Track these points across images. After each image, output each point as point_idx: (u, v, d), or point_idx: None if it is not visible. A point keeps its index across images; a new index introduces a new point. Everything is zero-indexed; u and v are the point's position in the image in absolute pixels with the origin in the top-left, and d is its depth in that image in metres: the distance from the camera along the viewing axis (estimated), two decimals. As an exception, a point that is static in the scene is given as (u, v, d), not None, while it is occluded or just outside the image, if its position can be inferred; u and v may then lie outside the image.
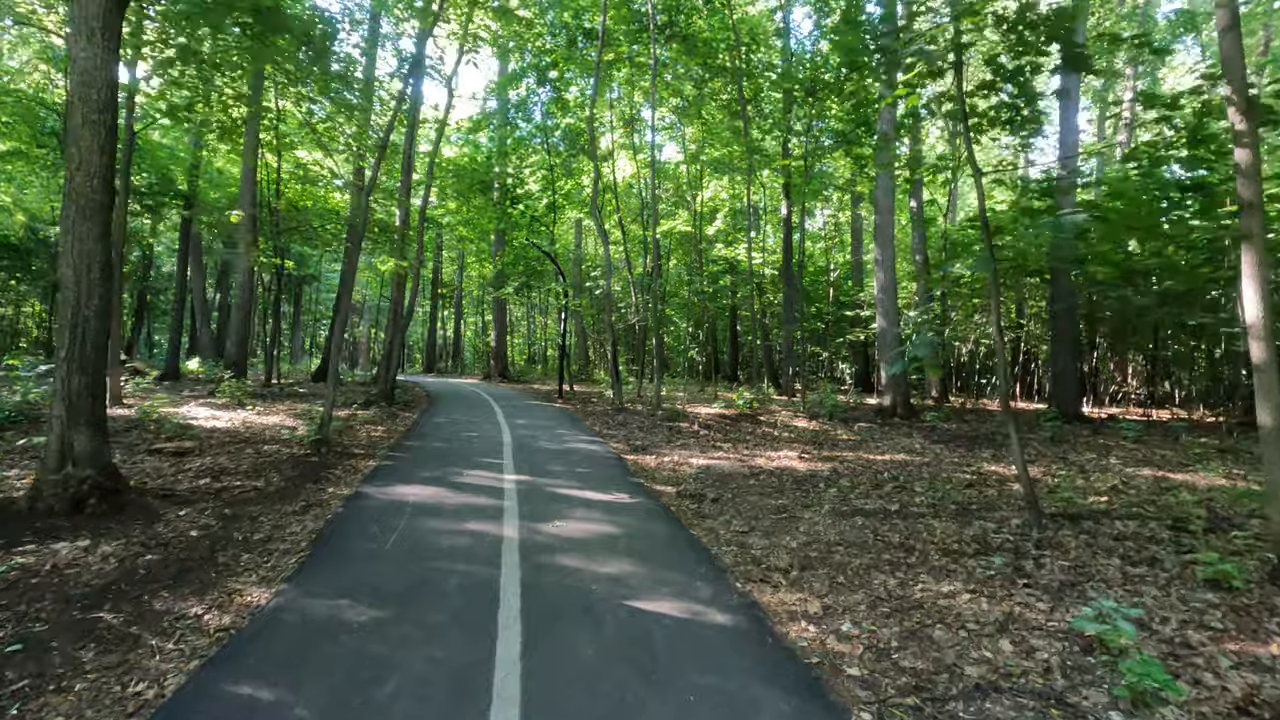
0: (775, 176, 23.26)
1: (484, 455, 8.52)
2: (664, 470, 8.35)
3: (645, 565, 4.54)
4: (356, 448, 8.88)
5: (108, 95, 5.44)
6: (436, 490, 6.48)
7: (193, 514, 5.41)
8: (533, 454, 8.78)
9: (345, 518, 5.47)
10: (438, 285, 39.73)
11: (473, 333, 48.31)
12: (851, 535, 5.42)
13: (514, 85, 21.63)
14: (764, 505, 6.52)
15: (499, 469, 7.60)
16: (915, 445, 11.28)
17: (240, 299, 15.83)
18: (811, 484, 7.63)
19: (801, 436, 12.18)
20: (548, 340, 45.28)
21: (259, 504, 5.86)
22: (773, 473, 8.29)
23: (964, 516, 6.05)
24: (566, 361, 20.44)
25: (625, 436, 11.20)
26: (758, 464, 8.92)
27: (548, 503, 6.13)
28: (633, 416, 13.91)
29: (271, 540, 4.92)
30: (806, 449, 10.52)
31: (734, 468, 8.57)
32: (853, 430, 13.22)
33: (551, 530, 5.24)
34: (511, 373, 30.21)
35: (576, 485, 6.97)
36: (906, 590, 4.23)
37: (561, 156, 22.24)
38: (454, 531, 5.15)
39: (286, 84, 13.53)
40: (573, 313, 24.70)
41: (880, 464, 9.12)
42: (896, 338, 15.41)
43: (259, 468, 7.19)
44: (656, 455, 9.38)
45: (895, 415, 14.92)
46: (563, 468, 7.94)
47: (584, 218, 29.36)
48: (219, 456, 7.62)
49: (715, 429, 12.62)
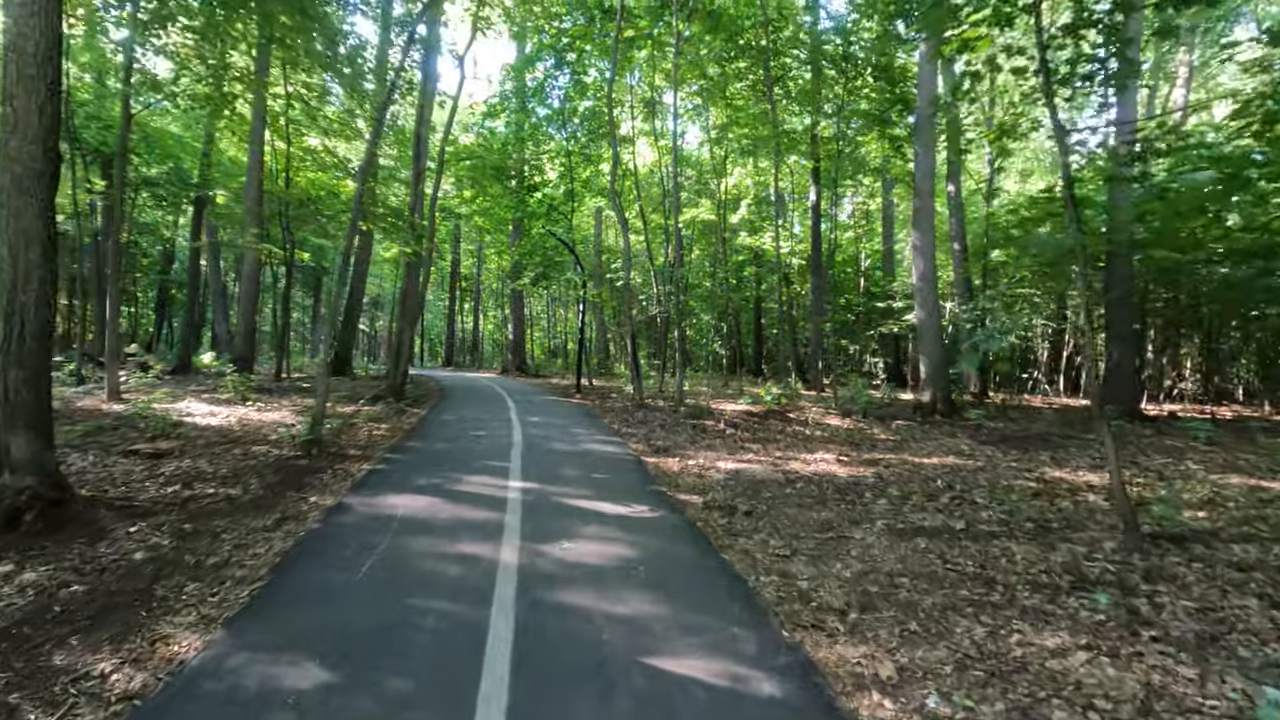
0: (803, 162, 22.20)
1: (490, 458, 7.75)
2: (688, 476, 7.50)
3: (669, 603, 3.71)
4: (353, 449, 8.16)
5: (47, 46, 4.72)
6: (430, 501, 5.71)
7: (146, 530, 4.69)
8: (543, 457, 7.98)
9: (320, 535, 4.72)
10: (457, 278, 39.23)
11: (493, 326, 47.81)
12: (916, 562, 4.53)
13: (530, 69, 20.81)
14: (805, 520, 5.65)
15: (504, 474, 6.81)
16: (962, 446, 10.30)
17: (246, 290, 15.26)
18: (856, 493, 6.73)
19: (836, 436, 11.26)
20: (568, 333, 44.62)
21: (227, 516, 5.13)
22: (810, 479, 7.40)
23: (1044, 537, 5.12)
24: (585, 355, 19.66)
25: (645, 436, 10.37)
26: (792, 468, 8.04)
27: (555, 517, 5.32)
28: (653, 413, 13.08)
29: (228, 565, 4.17)
30: (844, 450, 9.60)
31: (766, 473, 7.70)
32: (890, 429, 12.26)
33: (557, 554, 4.43)
34: (530, 366, 29.56)
35: (590, 495, 6.15)
36: (1000, 643, 3.34)
37: (580, 143, 21.41)
38: (442, 555, 4.36)
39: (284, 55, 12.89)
40: (592, 304, 23.90)
41: (929, 469, 8.19)
42: (937, 330, 14.38)
43: (239, 472, 6.48)
44: (680, 458, 8.54)
45: (935, 413, 13.90)
46: (576, 473, 7.13)
47: (604, 206, 28.52)
48: (198, 459, 6.94)
49: (742, 427, 11.74)
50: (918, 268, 14.52)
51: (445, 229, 34.28)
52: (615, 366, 30.72)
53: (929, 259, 14.43)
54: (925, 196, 14.54)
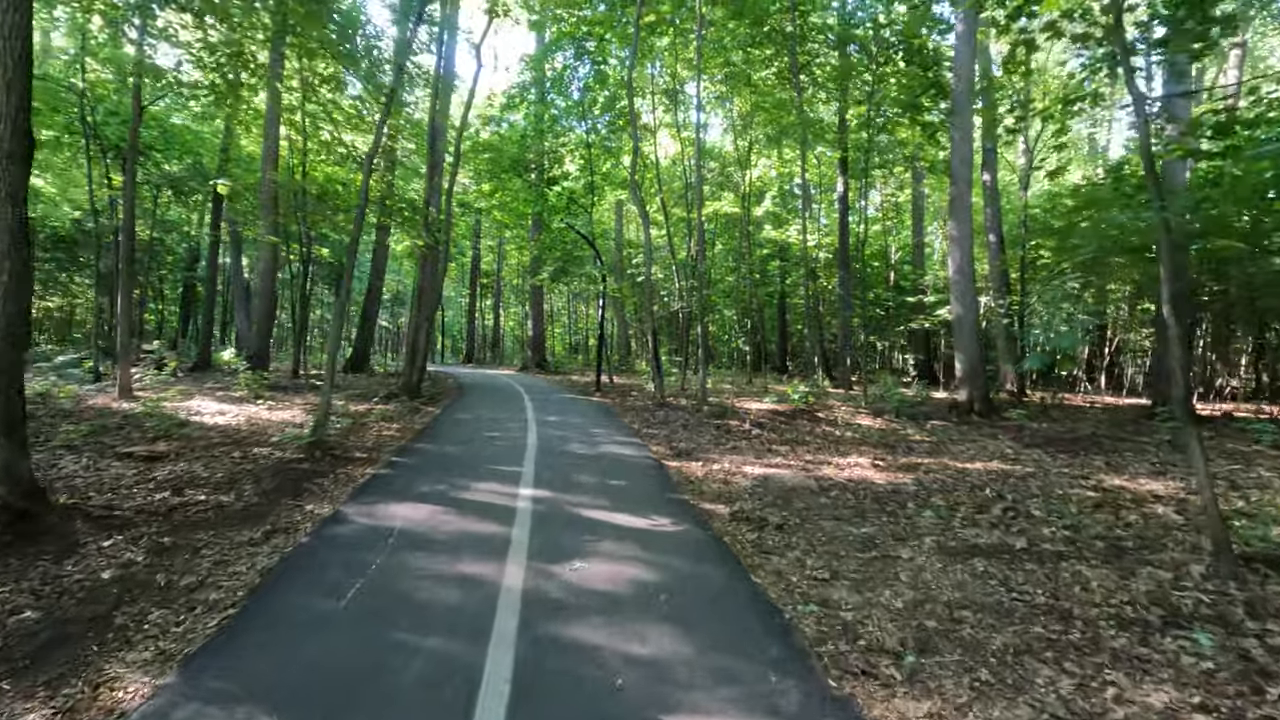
0: (830, 150, 21.46)
1: (501, 462, 7.30)
2: (713, 482, 6.98)
3: (694, 640, 3.20)
4: (359, 451, 7.77)
5: (15, 18, 4.33)
6: (433, 511, 5.26)
7: (122, 544, 4.30)
8: (558, 460, 7.51)
9: (309, 552, 4.28)
10: (477, 274, 39.01)
11: (514, 322, 47.61)
12: (976, 590, 3.96)
13: (549, 59, 20.36)
14: (844, 535, 5.10)
15: (515, 481, 6.34)
16: (1006, 449, 9.65)
17: (261, 286, 15.04)
18: (897, 503, 6.15)
19: (868, 437, 10.66)
20: (588, 330, 44.24)
21: (213, 528, 4.73)
22: (846, 486, 6.83)
23: (1119, 559, 4.52)
24: (605, 351, 19.19)
25: (667, 437, 9.86)
26: (825, 474, 7.47)
27: (568, 531, 4.84)
28: (675, 413, 12.56)
29: (202, 586, 3.75)
30: (879, 454, 9.01)
31: (797, 479, 7.15)
32: (926, 430, 11.62)
33: (568, 576, 3.94)
34: (550, 363, 29.19)
35: (606, 504, 5.66)
36: (1093, 699, 2.78)
37: (600, 136, 20.92)
38: (439, 577, 3.89)
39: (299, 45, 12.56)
40: (612, 299, 23.42)
41: (974, 475, 7.57)
42: (974, 325, 13.66)
43: (234, 477, 6.10)
44: (703, 462, 8.02)
45: (972, 412, 13.20)
46: (592, 479, 6.64)
47: (625, 199, 28.01)
48: (195, 462, 6.58)
49: (769, 428, 11.17)
50: (954, 260, 13.80)
51: (465, 224, 34.03)
52: (636, 363, 30.22)
53: (966, 251, 13.70)
54: (962, 185, 13.80)
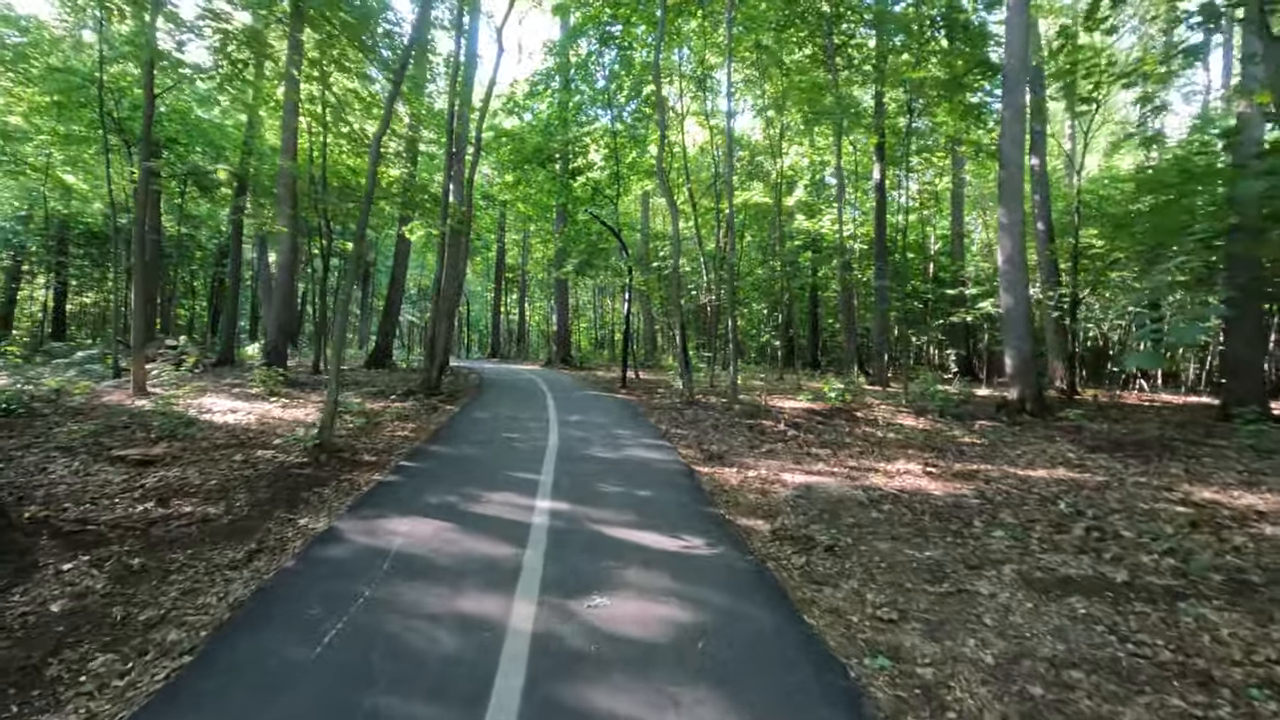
0: (865, 137, 20.51)
1: (518, 467, 6.72)
2: (749, 491, 6.32)
3: (739, 709, 2.57)
4: (367, 454, 7.27)
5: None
6: (439, 527, 4.69)
7: (85, 567, 3.80)
8: (580, 466, 6.91)
9: (292, 578, 3.74)
10: (502, 268, 38.69)
11: (540, 317, 47.28)
12: (1081, 640, 3.25)
13: (573, 46, 19.71)
14: (906, 560, 4.41)
15: (532, 490, 5.76)
16: (1067, 454, 8.81)
17: (279, 280, 14.71)
18: (961, 519, 5.44)
19: (913, 439, 9.89)
20: (614, 324, 43.69)
21: (192, 546, 4.22)
22: (898, 498, 6.13)
23: (1247, 597, 3.77)
24: (631, 346, 18.56)
25: (697, 439, 9.21)
26: (873, 483, 6.76)
27: (588, 554, 4.23)
28: (705, 411, 11.90)
29: (163, 622, 3.22)
30: (929, 459, 8.26)
31: (843, 488, 6.45)
32: (974, 431, 10.81)
33: (586, 615, 3.33)
34: (575, 358, 28.68)
35: (632, 520, 5.04)
36: (1279, 816, 2.08)
37: (626, 126, 20.25)
38: (435, 617, 3.31)
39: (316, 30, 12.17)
40: (638, 293, 22.79)
41: (1040, 485, 6.80)
42: (1025, 318, 12.75)
43: (228, 485, 5.62)
44: (738, 467, 7.36)
45: (1024, 411, 12.32)
46: (616, 488, 6.02)
47: (651, 190, 27.31)
48: (190, 467, 6.12)
49: (805, 428, 10.47)
50: (1004, 248, 12.89)
51: (490, 217, 33.67)
52: (662, 358, 29.57)
53: (1017, 238, 12.79)
54: (1013, 168, 12.87)
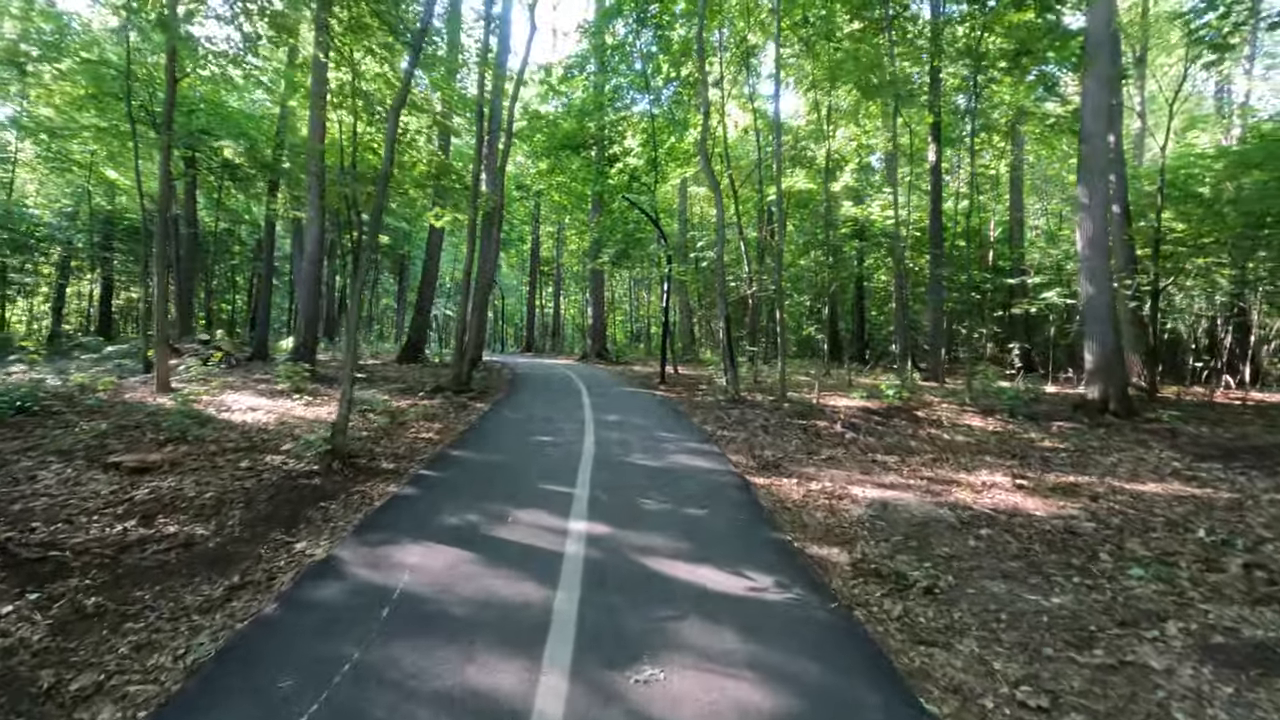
0: (919, 115, 19.21)
1: (550, 478, 5.96)
2: (815, 509, 5.45)
3: None
4: (386, 459, 6.60)
5: None
6: (455, 558, 3.94)
7: (28, 609, 3.15)
8: (619, 476, 6.11)
9: (267, 632, 3.02)
10: (537, 261, 38.19)
11: (574, 310, 46.72)
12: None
13: (609, 28, 18.88)
14: (1030, 610, 3.51)
15: (565, 508, 4.99)
16: (1172, 463, 7.72)
17: (306, 272, 14.25)
18: (1079, 549, 4.49)
19: (986, 444, 8.88)
20: (650, 317, 42.89)
21: (164, 580, 3.56)
22: (994, 518, 5.19)
23: None
24: (669, 340, 17.71)
25: (747, 443, 8.34)
26: (959, 499, 5.82)
27: (632, 598, 3.42)
28: (752, 411, 11.01)
29: (98, 694, 2.53)
30: (1015, 469, 7.26)
31: (925, 506, 5.53)
32: (1053, 434, 9.74)
33: (634, 695, 2.53)
34: (610, 352, 27.94)
35: (683, 549, 4.22)
36: None
37: (663, 110, 19.37)
38: (440, 696, 2.54)
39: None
40: (677, 284, 21.90)
41: (1158, 503, 5.78)
42: (1109, 308, 11.54)
43: (224, 499, 4.98)
44: (798, 478, 6.48)
45: (1106, 412, 11.13)
46: (662, 505, 5.21)
47: (689, 177, 26.29)
48: (188, 475, 5.51)
49: (865, 430, 9.51)
50: (1084, 231, 11.67)
51: (524, 209, 33.12)
52: (701, 352, 28.67)
53: (1099, 220, 11.57)
54: (1096, 142, 11.63)
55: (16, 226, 21.77)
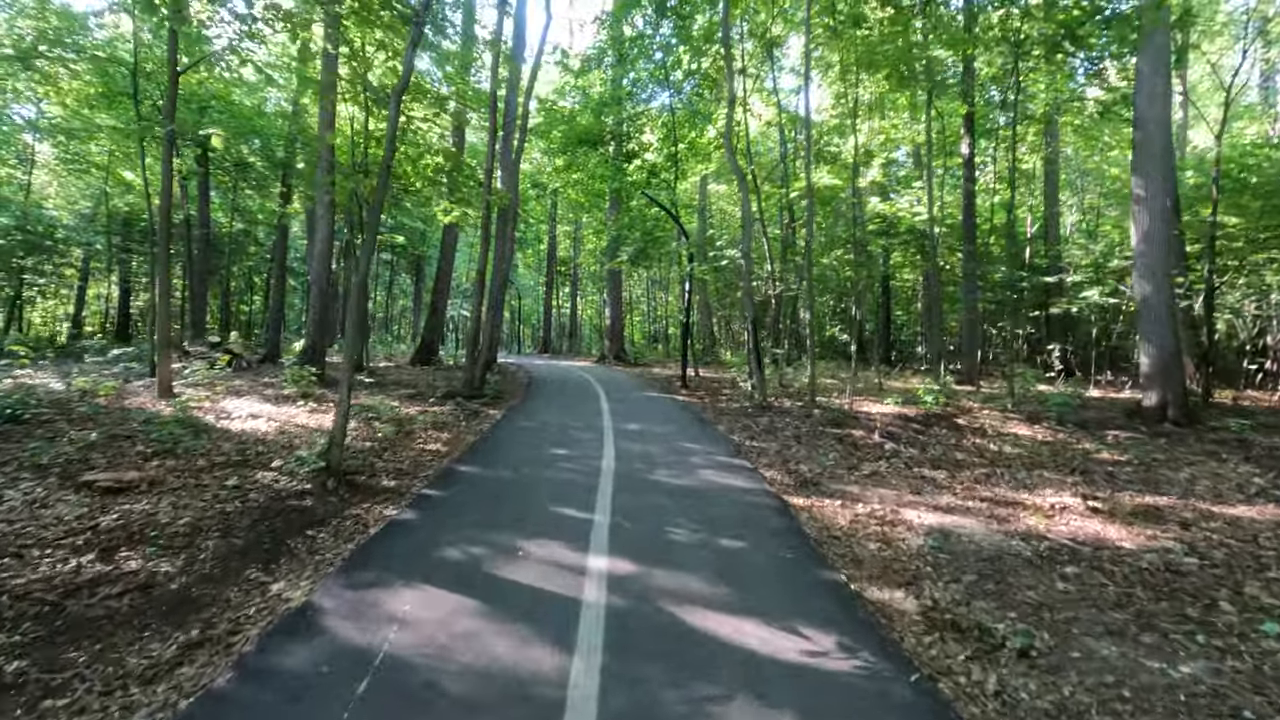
0: (952, 107, 18.38)
1: (567, 499, 5.35)
2: (867, 537, 4.79)
3: None
4: (387, 475, 6.03)
5: None
6: (452, 606, 3.34)
7: (-67, 678, 2.60)
8: (643, 497, 5.48)
9: (213, 712, 2.44)
10: (553, 261, 37.68)
11: (592, 311, 46.18)
12: None
13: (627, 18, 18.28)
14: (1158, 686, 2.83)
15: (583, 538, 4.37)
16: (1257, 479, 6.95)
17: (314, 272, 13.80)
18: (1189, 593, 3.79)
19: (1039, 456, 8.15)
20: (668, 318, 42.21)
21: (111, 633, 3.00)
22: (1075, 551, 4.50)
23: None
24: (690, 342, 17.05)
25: (780, 455, 7.68)
26: (1029, 525, 5.13)
27: (663, 669, 2.80)
28: (781, 418, 10.33)
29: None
30: (1079, 486, 6.53)
31: (991, 535, 4.85)
32: (1109, 443, 8.97)
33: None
34: (629, 354, 27.33)
35: (722, 595, 3.58)
36: None
37: (684, 102, 18.72)
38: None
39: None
40: (697, 283, 21.23)
41: (1259, 530, 5.05)
42: (1167, 308, 10.70)
43: (202, 524, 4.43)
44: (841, 499, 5.81)
45: (1165, 420, 10.31)
46: (693, 535, 4.57)
47: (711, 174, 25.58)
48: (166, 496, 4.98)
49: (905, 440, 8.81)
50: (1139, 225, 10.85)
51: (541, 208, 32.62)
52: (722, 353, 27.95)
53: (1157, 213, 10.75)
54: (1151, 128, 10.80)
55: (33, 228, 21.64)
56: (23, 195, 24.25)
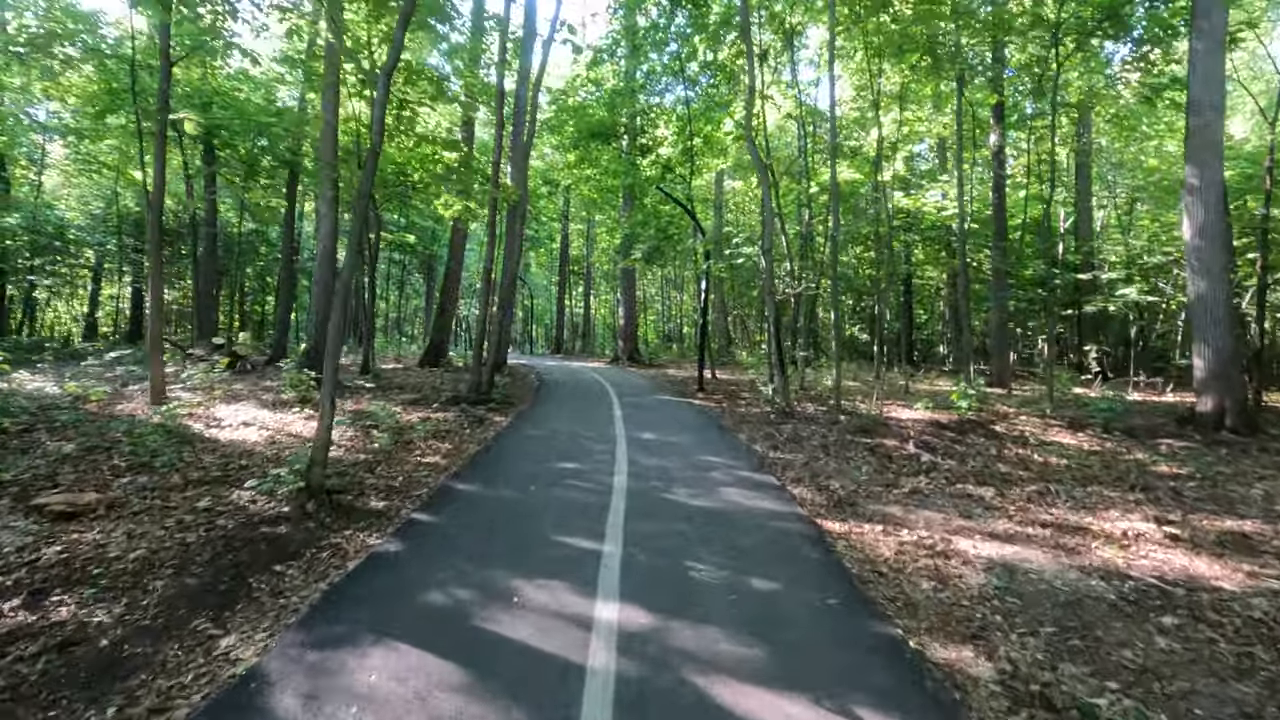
0: (981, 96, 17.57)
1: (572, 527, 4.74)
2: (918, 573, 4.14)
3: None
4: (376, 494, 5.47)
5: None
6: (431, 675, 2.75)
7: None
8: (659, 524, 4.86)
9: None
10: (566, 260, 37.14)
11: (606, 310, 45.60)
12: None
13: (641, 8, 17.62)
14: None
15: (590, 578, 3.76)
16: (1344, 500, 6.20)
17: (317, 272, 13.33)
18: (1326, 659, 3.12)
19: (1090, 468, 7.45)
20: (683, 317, 41.53)
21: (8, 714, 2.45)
22: (1167, 593, 3.83)
23: None
24: (707, 342, 16.39)
25: (808, 469, 7.03)
26: (1103, 559, 4.45)
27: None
28: (805, 425, 9.67)
29: None
30: (1145, 505, 5.84)
31: (1063, 571, 4.19)
32: (1164, 454, 8.24)
33: None
34: (642, 354, 26.70)
35: (755, 658, 2.97)
36: None
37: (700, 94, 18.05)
38: None
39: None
40: (715, 281, 20.56)
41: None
42: (1225, 306, 9.92)
43: (156, 558, 3.88)
44: (883, 523, 5.16)
45: (1222, 428, 9.53)
46: (717, 572, 3.95)
47: (728, 168, 24.88)
48: (125, 522, 4.44)
49: (941, 450, 8.13)
50: (1194, 218, 10.08)
51: (553, 206, 32.07)
52: (738, 353, 27.25)
53: (1213, 204, 9.98)
54: (1208, 114, 9.99)
55: (41, 228, 21.44)
56: (33, 196, 24.10)
